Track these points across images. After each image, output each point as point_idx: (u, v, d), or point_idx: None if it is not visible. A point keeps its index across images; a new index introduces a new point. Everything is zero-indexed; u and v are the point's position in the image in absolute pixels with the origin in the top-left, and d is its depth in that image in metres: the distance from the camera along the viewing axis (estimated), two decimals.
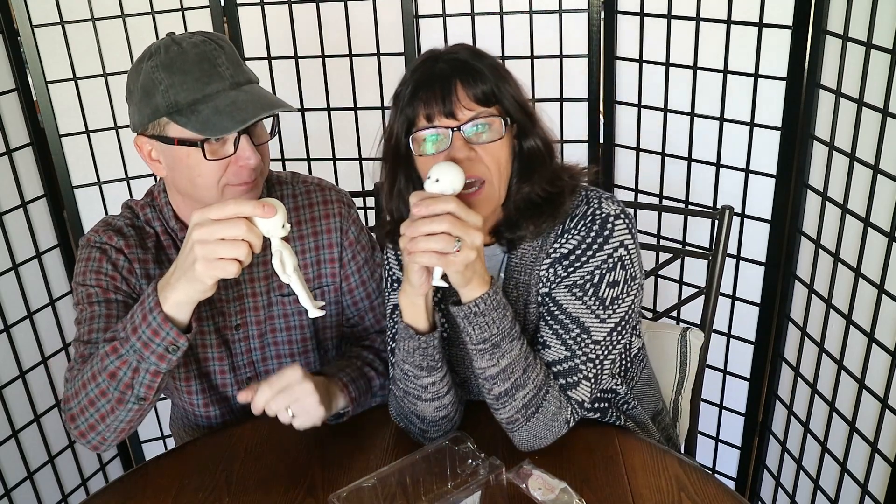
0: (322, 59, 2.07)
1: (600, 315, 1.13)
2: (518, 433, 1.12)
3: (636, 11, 1.92)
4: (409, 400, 1.17)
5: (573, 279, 1.13)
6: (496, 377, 1.08)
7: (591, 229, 1.13)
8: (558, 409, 1.11)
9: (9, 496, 1.90)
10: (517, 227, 1.14)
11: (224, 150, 1.12)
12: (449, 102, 1.06)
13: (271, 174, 1.32)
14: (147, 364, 1.06)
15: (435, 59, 1.11)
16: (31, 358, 1.94)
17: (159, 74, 1.09)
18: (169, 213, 1.25)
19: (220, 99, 1.09)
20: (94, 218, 2.03)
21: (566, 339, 1.13)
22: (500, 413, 1.12)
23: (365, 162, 2.17)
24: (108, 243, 1.23)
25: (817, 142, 1.72)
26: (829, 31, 1.63)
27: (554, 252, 1.15)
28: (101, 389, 1.09)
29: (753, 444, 2.08)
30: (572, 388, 1.13)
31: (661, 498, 1.06)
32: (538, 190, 1.13)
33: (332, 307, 1.34)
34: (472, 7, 1.99)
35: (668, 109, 1.95)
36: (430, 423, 1.18)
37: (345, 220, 1.33)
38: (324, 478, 1.13)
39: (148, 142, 1.15)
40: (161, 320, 1.03)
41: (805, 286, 1.81)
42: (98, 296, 1.20)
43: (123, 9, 1.93)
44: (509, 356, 1.07)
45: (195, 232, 0.96)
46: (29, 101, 1.89)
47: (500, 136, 1.09)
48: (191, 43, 1.11)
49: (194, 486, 1.14)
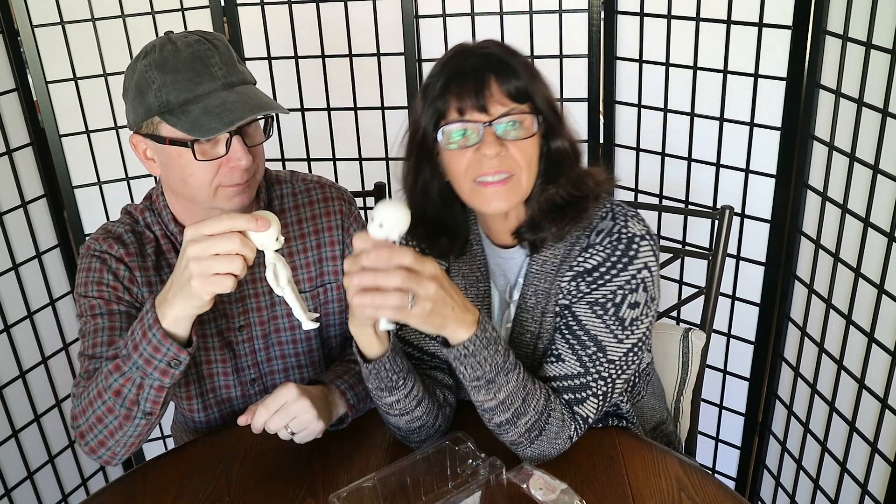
0: (322, 59, 2.07)
1: (618, 335, 1.11)
2: (522, 453, 1.12)
3: (636, 11, 1.92)
4: (382, 413, 1.16)
5: (595, 297, 1.12)
6: (495, 409, 1.06)
7: (617, 248, 1.11)
8: (561, 428, 1.10)
9: (9, 496, 1.90)
10: (540, 229, 1.13)
11: (215, 151, 1.11)
12: (482, 97, 1.05)
13: (269, 173, 1.31)
14: (151, 380, 1.06)
15: (467, 53, 1.09)
16: (31, 358, 1.94)
17: (152, 73, 1.09)
18: (168, 216, 1.24)
19: (211, 99, 1.09)
20: (94, 218, 2.03)
21: (581, 356, 1.11)
22: (502, 437, 1.11)
23: (365, 162, 2.17)
24: (108, 252, 1.22)
25: (817, 142, 1.72)
26: (829, 31, 1.63)
27: (577, 265, 1.14)
28: (107, 407, 1.09)
29: (753, 444, 2.08)
30: (580, 403, 1.11)
31: (661, 498, 1.06)
32: (563, 192, 1.12)
33: (334, 305, 1.34)
34: (472, 7, 1.99)
35: (668, 109, 1.95)
36: (407, 431, 1.16)
37: (346, 217, 1.33)
38: (324, 478, 1.13)
39: (143, 140, 1.15)
40: (161, 337, 1.03)
41: (805, 286, 1.81)
42: (101, 307, 1.20)
43: (123, 9, 1.93)
44: (506, 389, 1.04)
45: (189, 248, 0.96)
46: (29, 101, 1.89)
47: (531, 134, 1.08)
48: (185, 42, 1.10)
49: (194, 486, 1.14)
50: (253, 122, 1.13)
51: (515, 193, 1.09)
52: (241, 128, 1.11)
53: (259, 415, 1.11)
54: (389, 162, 2.16)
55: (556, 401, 1.10)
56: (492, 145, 1.05)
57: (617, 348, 1.12)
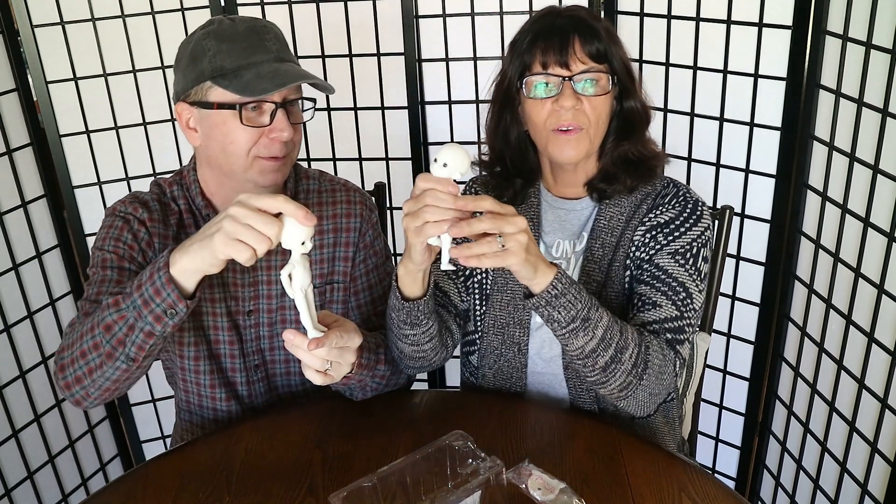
0: (322, 59, 2.07)
1: (699, 285, 1.22)
2: (633, 397, 1.14)
3: (636, 11, 1.92)
4: (392, 337, 1.23)
5: (674, 247, 1.22)
6: (597, 349, 1.09)
7: (686, 207, 1.24)
8: (663, 360, 1.15)
9: (9, 496, 1.90)
10: (614, 179, 1.25)
11: (260, 120, 1.16)
12: (565, 54, 1.17)
13: (299, 167, 1.34)
14: (143, 323, 1.05)
15: (555, 14, 1.22)
16: (32, 358, 1.94)
17: (209, 42, 1.15)
18: (196, 190, 1.27)
19: (264, 67, 1.14)
20: (94, 218, 2.03)
21: (675, 301, 1.19)
22: (610, 383, 1.12)
23: (365, 162, 2.17)
24: (132, 214, 1.25)
25: (817, 142, 1.72)
26: (829, 31, 1.63)
27: (649, 220, 1.25)
28: (94, 342, 1.08)
29: (753, 444, 2.08)
30: (680, 344, 1.18)
31: (661, 498, 1.05)
32: (634, 150, 1.25)
33: (338, 306, 1.35)
34: (472, 7, 2.00)
35: (668, 109, 1.95)
36: (408, 357, 1.24)
37: (365, 222, 1.35)
38: (324, 478, 1.13)
39: (188, 109, 1.18)
40: (165, 280, 1.03)
41: (805, 286, 1.81)
42: (112, 262, 1.22)
43: (123, 9, 1.93)
44: (602, 324, 1.09)
45: (233, 208, 0.97)
46: (29, 101, 1.89)
47: (605, 92, 1.20)
48: (241, 19, 1.18)
49: (194, 486, 1.14)
50: (299, 99, 1.19)
51: (583, 145, 1.20)
52: (287, 103, 1.16)
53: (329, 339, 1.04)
54: (389, 162, 2.16)
55: (649, 336, 1.15)
56: (569, 97, 1.17)
57: (698, 297, 1.22)
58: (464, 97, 2.09)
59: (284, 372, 1.36)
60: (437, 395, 1.33)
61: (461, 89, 2.08)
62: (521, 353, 1.31)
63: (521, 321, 1.30)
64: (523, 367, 1.31)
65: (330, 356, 1.06)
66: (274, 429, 1.24)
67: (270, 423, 1.26)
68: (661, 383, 1.15)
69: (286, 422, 1.26)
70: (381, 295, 1.37)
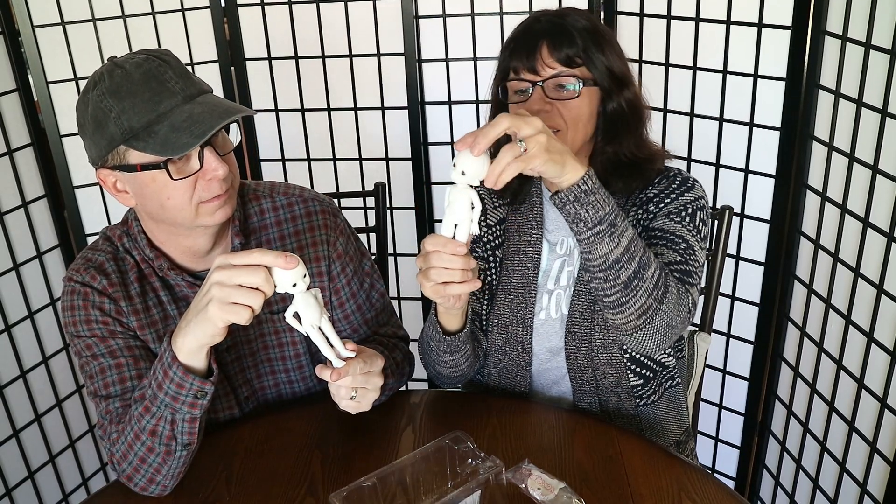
0: (322, 59, 2.07)
1: (699, 241, 1.23)
2: (652, 324, 1.12)
3: (636, 12, 1.92)
4: (430, 361, 1.27)
5: (668, 210, 1.24)
6: (620, 260, 1.07)
7: (674, 182, 1.26)
8: (679, 292, 1.15)
9: (10, 496, 1.90)
10: (606, 185, 1.18)
11: (190, 167, 1.07)
12: (531, 59, 1.20)
13: (246, 186, 1.28)
14: (181, 414, 1.07)
15: (538, 19, 1.24)
16: (32, 358, 1.94)
17: (108, 102, 1.04)
18: (143, 241, 1.20)
19: (175, 115, 1.04)
20: (94, 218, 2.04)
21: (677, 249, 1.20)
22: (630, 305, 1.10)
23: (365, 162, 2.17)
24: (89, 284, 1.18)
25: (817, 142, 1.72)
26: (829, 31, 1.63)
27: (638, 198, 1.27)
28: (147, 447, 1.09)
29: (753, 444, 2.08)
30: (690, 286, 1.18)
31: (661, 498, 1.06)
32: (626, 151, 1.24)
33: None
34: (472, 7, 2.00)
35: (668, 110, 1.95)
36: (445, 377, 1.28)
37: (331, 231, 1.29)
38: (324, 478, 1.13)
39: (110, 174, 1.10)
40: (182, 374, 1.03)
41: (804, 286, 1.81)
42: (97, 346, 1.17)
43: (124, 9, 1.93)
44: (627, 235, 1.07)
45: (215, 274, 0.97)
46: (30, 101, 1.89)
47: (574, 96, 1.20)
48: (133, 63, 1.06)
49: (194, 486, 1.14)
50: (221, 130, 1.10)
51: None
52: (211, 138, 1.07)
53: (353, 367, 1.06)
54: (389, 162, 2.16)
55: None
56: (536, 102, 1.20)
57: (700, 252, 1.22)
58: (464, 97, 2.09)
59: (276, 395, 1.34)
60: (437, 395, 1.33)
61: (461, 89, 2.08)
62: (524, 352, 1.32)
63: (525, 319, 1.31)
64: (527, 364, 1.32)
65: (355, 384, 1.08)
66: (274, 429, 1.24)
67: (270, 423, 1.26)
68: (679, 314, 1.13)
69: (286, 422, 1.26)
70: (366, 299, 1.34)
